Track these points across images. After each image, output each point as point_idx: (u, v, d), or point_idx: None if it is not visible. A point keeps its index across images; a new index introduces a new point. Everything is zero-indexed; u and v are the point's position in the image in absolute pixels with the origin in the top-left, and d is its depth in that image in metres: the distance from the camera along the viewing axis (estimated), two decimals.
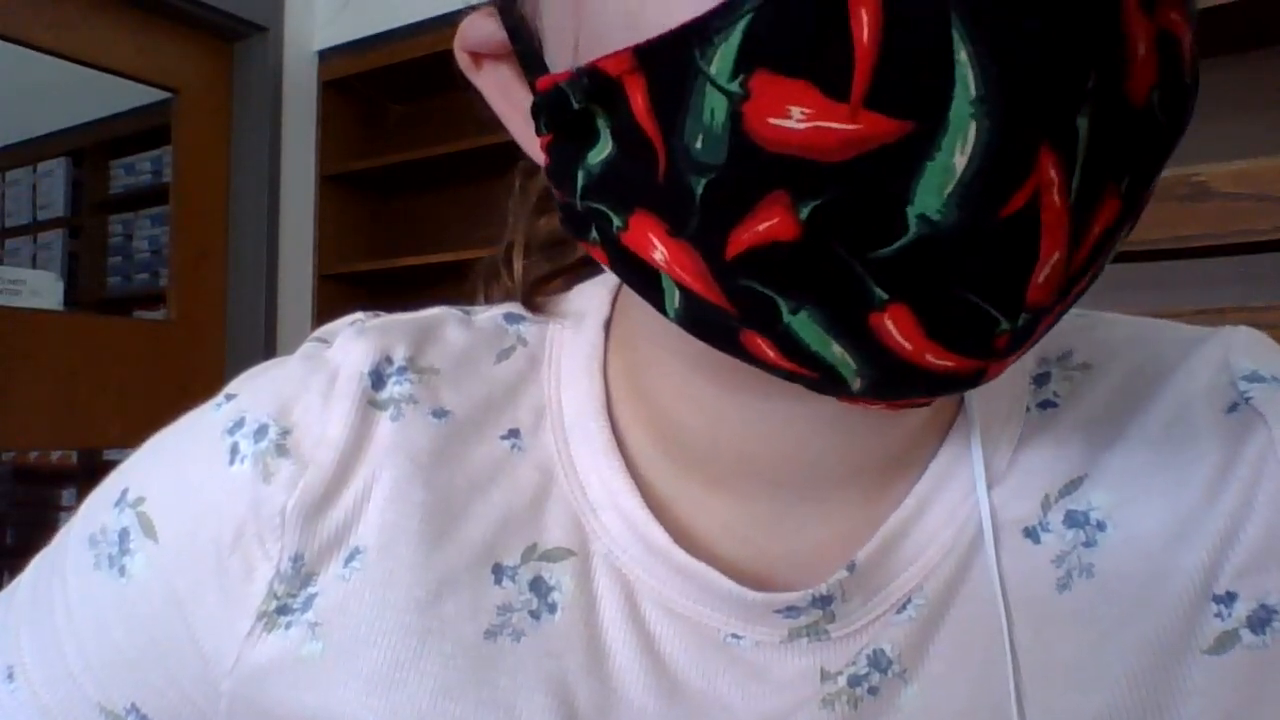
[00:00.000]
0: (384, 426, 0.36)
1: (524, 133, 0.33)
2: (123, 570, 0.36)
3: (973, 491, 0.34)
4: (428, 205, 2.53)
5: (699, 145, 0.24)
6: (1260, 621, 0.32)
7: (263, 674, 0.35)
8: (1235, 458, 0.33)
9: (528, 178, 0.43)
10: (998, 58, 0.21)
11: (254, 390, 0.38)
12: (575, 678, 0.34)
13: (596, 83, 0.26)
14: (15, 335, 1.93)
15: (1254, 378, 0.35)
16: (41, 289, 2.15)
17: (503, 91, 0.34)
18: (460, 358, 0.38)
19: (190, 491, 0.36)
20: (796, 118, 0.22)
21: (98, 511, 0.38)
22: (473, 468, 0.36)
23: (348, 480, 0.35)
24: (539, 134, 0.30)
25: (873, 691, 0.33)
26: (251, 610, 0.35)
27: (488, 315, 0.41)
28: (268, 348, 2.27)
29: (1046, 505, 0.34)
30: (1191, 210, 1.36)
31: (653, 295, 0.28)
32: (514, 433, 0.37)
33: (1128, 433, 0.35)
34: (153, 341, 2.22)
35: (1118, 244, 0.26)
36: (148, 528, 0.36)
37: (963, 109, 0.21)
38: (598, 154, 0.27)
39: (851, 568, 0.33)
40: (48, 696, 0.37)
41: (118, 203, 3.26)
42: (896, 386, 0.26)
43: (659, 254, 0.27)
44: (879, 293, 0.24)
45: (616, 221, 0.28)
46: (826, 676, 0.34)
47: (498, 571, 0.35)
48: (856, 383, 0.26)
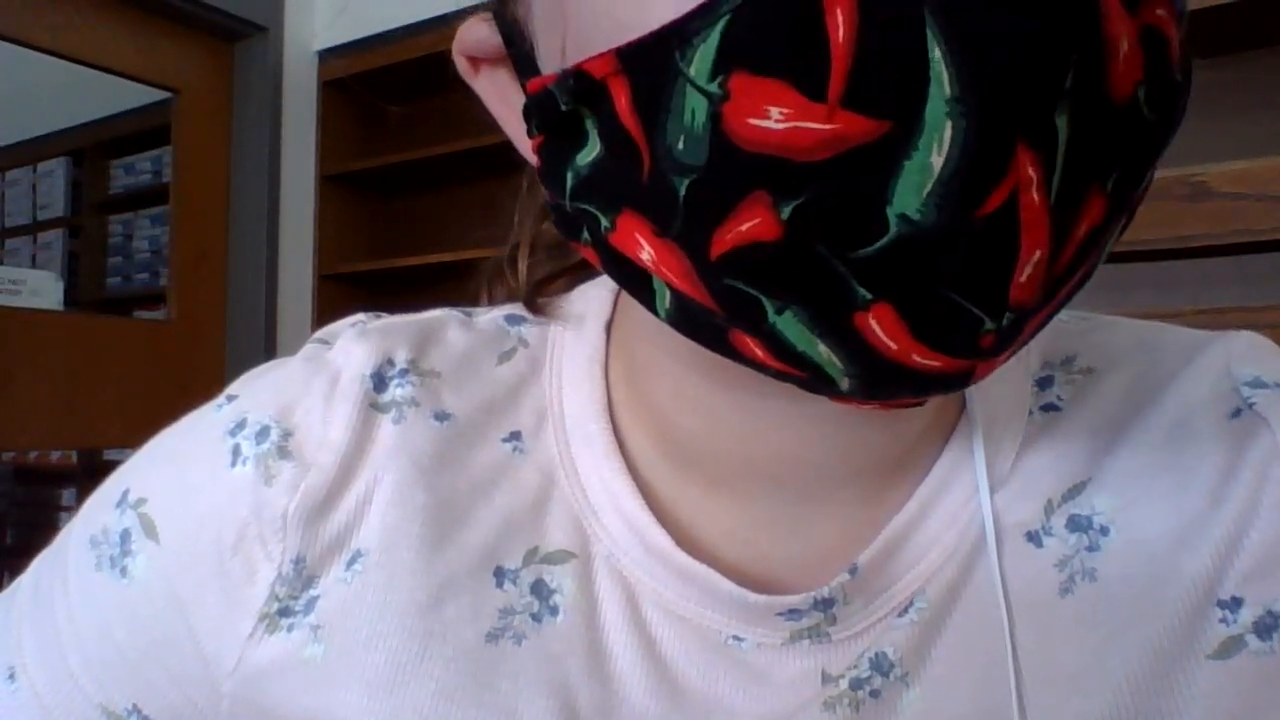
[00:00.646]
0: (386, 429, 0.36)
1: (520, 135, 0.33)
2: (124, 571, 0.36)
3: (975, 495, 0.34)
4: (428, 205, 2.53)
5: (681, 146, 0.24)
6: (1267, 628, 0.32)
7: (264, 675, 0.35)
8: (1239, 462, 0.33)
9: (535, 179, 0.43)
10: (972, 57, 0.21)
11: (256, 392, 0.38)
12: (577, 680, 0.34)
13: (582, 84, 0.26)
14: (15, 335, 1.93)
15: (1256, 383, 0.35)
16: (41, 289, 2.14)
17: (500, 95, 0.34)
18: (462, 360, 0.38)
19: (192, 493, 0.36)
20: (775, 118, 0.22)
21: (99, 512, 0.38)
22: (474, 471, 0.36)
23: (349, 483, 0.35)
24: (530, 136, 0.30)
25: (874, 694, 0.33)
26: (253, 612, 0.35)
27: (489, 317, 0.41)
28: (268, 348, 2.27)
29: (1049, 509, 0.34)
30: (1191, 210, 1.36)
31: (644, 296, 0.28)
32: (515, 435, 0.37)
33: (1131, 437, 0.35)
34: (153, 341, 2.22)
35: (1109, 243, 0.26)
36: (149, 529, 0.36)
37: (938, 108, 0.21)
38: (586, 155, 0.27)
39: (853, 570, 0.33)
40: (49, 697, 0.37)
41: (118, 203, 3.26)
42: (885, 386, 0.26)
43: (646, 254, 0.27)
44: (862, 292, 0.24)
45: (604, 222, 0.28)
46: (828, 679, 0.34)
47: (499, 574, 0.35)
48: (845, 383, 0.26)
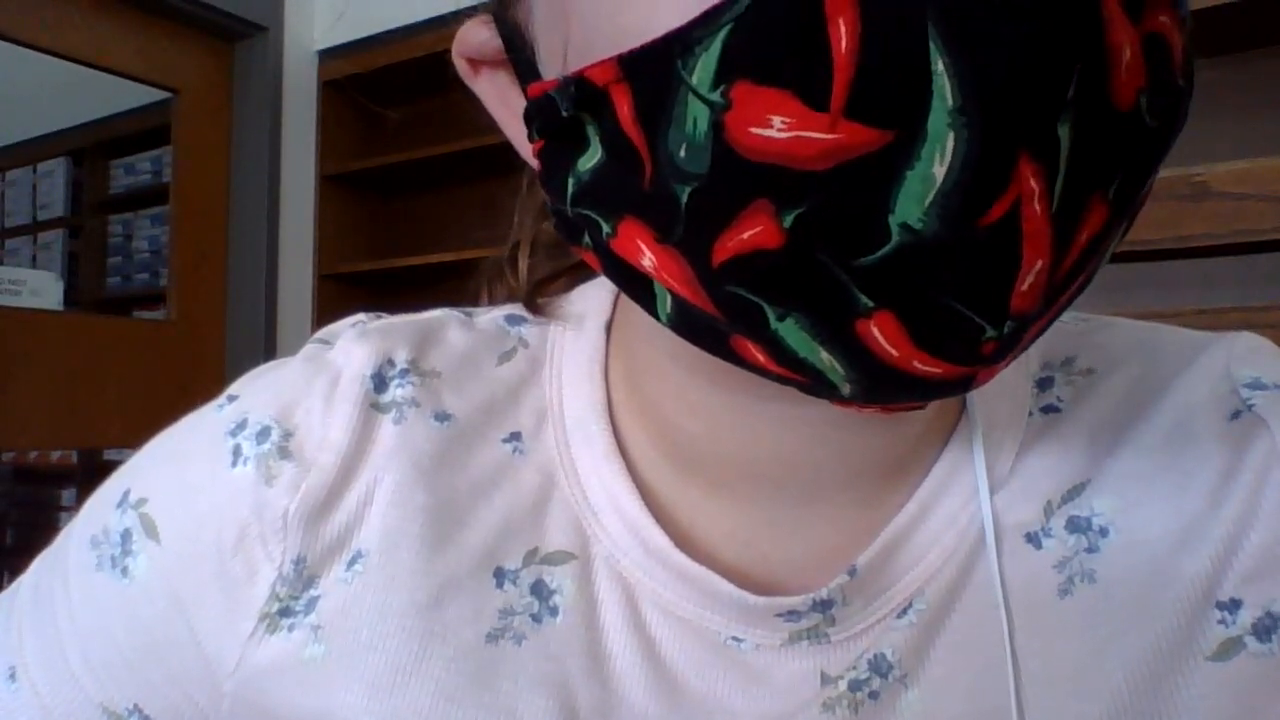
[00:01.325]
0: (386, 429, 0.36)
1: (520, 138, 0.33)
2: (125, 571, 0.36)
3: (975, 496, 0.34)
4: (427, 205, 2.53)
5: (683, 154, 0.24)
6: (1266, 629, 0.32)
7: (265, 676, 0.35)
8: (1239, 464, 0.33)
9: (535, 178, 0.43)
10: (975, 68, 0.21)
11: (256, 392, 0.38)
12: (576, 681, 0.34)
13: (584, 91, 0.26)
14: (15, 335, 1.93)
15: (1256, 385, 0.34)
16: (41, 289, 2.15)
17: (500, 97, 0.34)
18: (462, 360, 0.38)
19: (192, 493, 0.36)
20: (777, 127, 0.22)
21: (100, 512, 0.38)
22: (474, 471, 0.36)
23: (350, 483, 0.35)
24: (531, 140, 0.30)
25: (873, 696, 0.33)
26: (254, 612, 0.35)
27: (489, 317, 0.41)
28: (268, 348, 2.27)
29: (1049, 511, 0.34)
30: (1191, 210, 1.36)
31: (645, 300, 0.29)
32: (515, 436, 0.37)
33: (1130, 439, 0.35)
34: (153, 341, 2.22)
35: (1110, 248, 0.26)
36: (150, 529, 0.36)
37: (940, 119, 0.21)
38: (587, 161, 0.27)
39: (852, 572, 0.33)
40: (50, 696, 0.37)
41: (118, 203, 3.26)
42: (886, 392, 0.26)
43: (647, 260, 0.27)
44: (864, 300, 0.24)
45: (606, 228, 0.28)
46: (827, 680, 0.34)
47: (499, 575, 0.35)
48: (846, 388, 0.27)
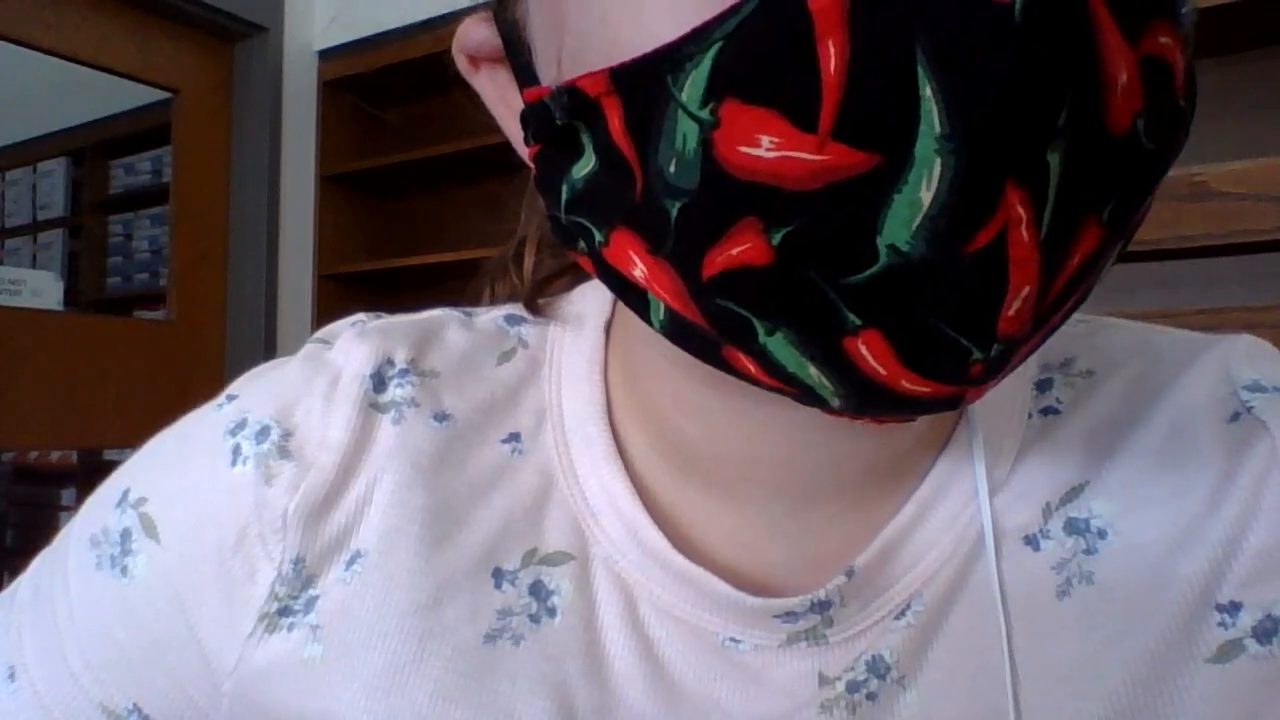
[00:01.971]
0: (385, 429, 0.36)
1: (519, 137, 0.33)
2: (125, 570, 0.36)
3: (973, 498, 0.34)
4: (427, 205, 2.53)
5: (672, 169, 0.24)
6: (1266, 632, 0.32)
7: (264, 675, 0.35)
8: (1238, 467, 0.33)
9: None
10: (962, 95, 0.20)
11: (256, 391, 0.38)
12: (574, 681, 0.34)
13: (576, 101, 0.26)
14: (15, 335, 1.93)
15: (1255, 387, 0.34)
16: (41, 289, 2.15)
17: (499, 95, 0.34)
18: (461, 360, 0.38)
19: (192, 492, 0.36)
20: (766, 146, 0.22)
21: (99, 512, 0.38)
22: (473, 472, 0.36)
23: (349, 483, 0.35)
24: (527, 144, 0.30)
25: (871, 697, 0.33)
26: (253, 612, 0.35)
27: (488, 317, 0.41)
28: (268, 348, 2.27)
29: (1047, 513, 0.34)
30: (1191, 210, 1.36)
31: (639, 307, 0.29)
32: (514, 436, 0.37)
33: (1129, 441, 0.35)
34: (153, 341, 2.22)
35: (1106, 267, 0.26)
36: (150, 528, 0.36)
37: (928, 145, 0.21)
38: (581, 168, 0.27)
39: (850, 573, 0.33)
40: (49, 696, 0.37)
41: (118, 203, 3.26)
42: (875, 407, 0.27)
43: (639, 271, 0.27)
44: (852, 318, 0.24)
45: (598, 236, 0.28)
46: (825, 681, 0.34)
47: (498, 575, 0.35)
48: (836, 401, 0.27)
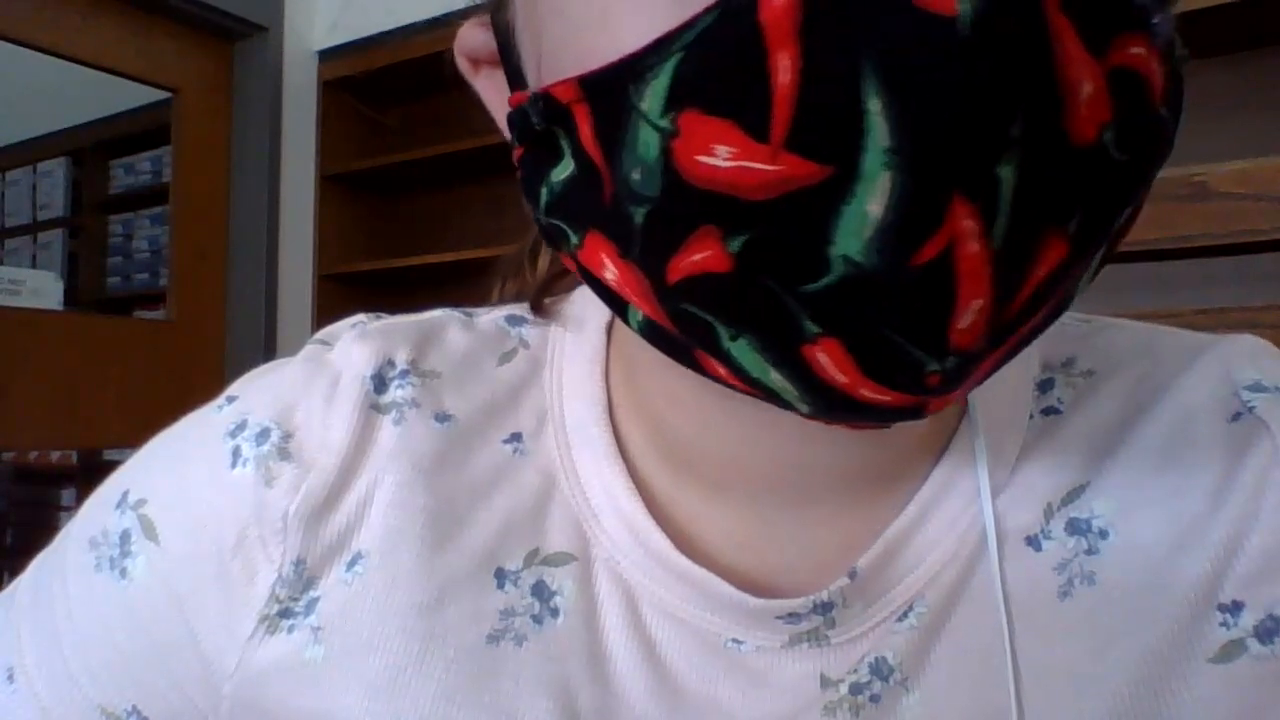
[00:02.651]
0: (386, 430, 0.36)
1: None
2: (124, 572, 0.36)
3: (975, 500, 0.34)
4: (427, 205, 2.53)
5: (636, 176, 0.24)
6: (1268, 632, 0.32)
7: (264, 677, 0.35)
8: (1239, 466, 0.33)
9: None
10: (907, 111, 0.21)
11: (256, 393, 0.38)
12: (577, 682, 0.34)
13: (551, 107, 0.27)
14: (15, 335, 1.93)
15: (1257, 387, 0.34)
16: (41, 289, 2.15)
17: (498, 95, 0.35)
18: (462, 361, 0.38)
19: (192, 494, 0.36)
20: (723, 156, 0.23)
21: (98, 513, 0.38)
22: (475, 472, 0.36)
23: (350, 484, 0.35)
24: (513, 146, 0.31)
25: (874, 699, 0.33)
26: (253, 613, 0.35)
27: (489, 318, 0.41)
28: (268, 348, 2.27)
29: (1049, 513, 0.34)
30: (1191, 210, 1.36)
31: (617, 308, 0.29)
32: (516, 437, 0.37)
33: (1131, 441, 0.35)
34: (153, 341, 2.22)
35: (1083, 278, 0.26)
36: (149, 530, 0.36)
37: (875, 159, 0.21)
38: (560, 172, 0.28)
39: (853, 574, 0.33)
40: (48, 698, 0.37)
41: (118, 203, 3.26)
42: (840, 414, 0.27)
43: (610, 273, 0.28)
44: (810, 326, 0.24)
45: (574, 239, 0.28)
46: (827, 683, 0.34)
47: (500, 576, 0.35)
48: (803, 407, 0.27)
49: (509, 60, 0.32)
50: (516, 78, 0.32)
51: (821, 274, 0.23)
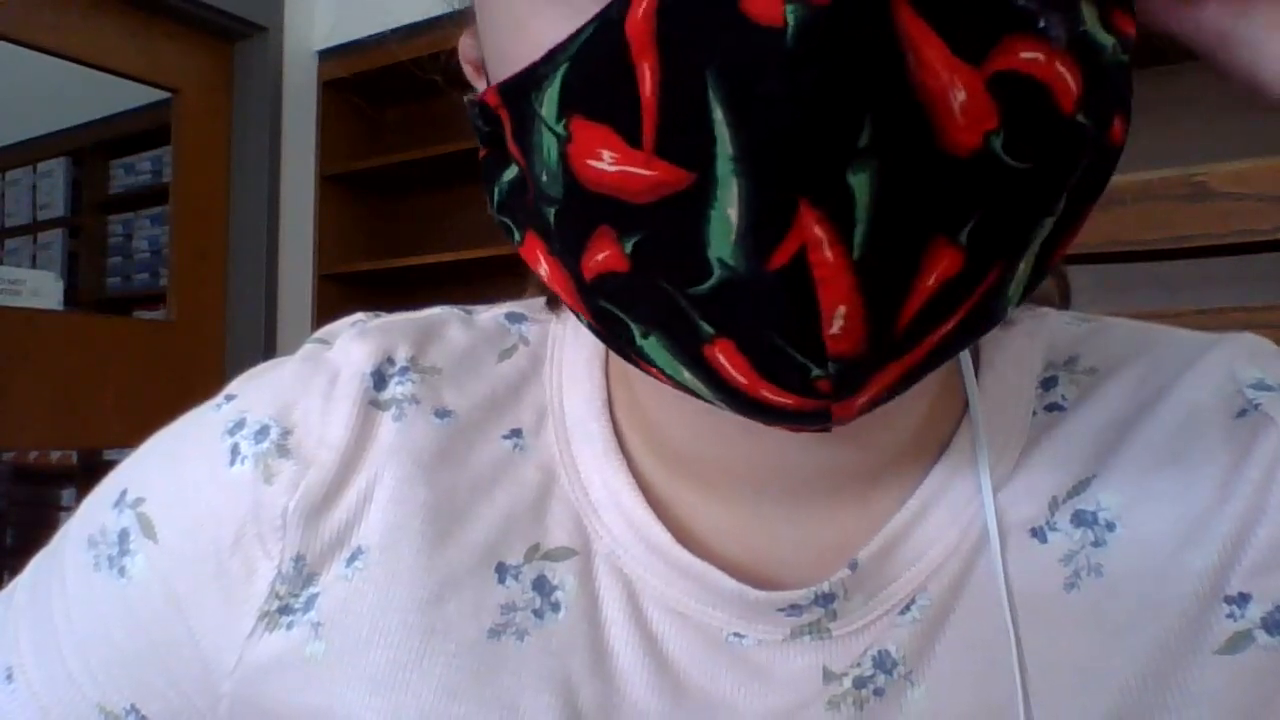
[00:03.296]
0: (386, 427, 0.36)
1: None
2: (122, 571, 0.36)
3: (977, 494, 0.34)
4: (428, 205, 2.53)
5: (545, 179, 0.26)
6: (1275, 623, 0.32)
7: (264, 674, 0.35)
8: (1245, 460, 0.33)
9: None
10: (746, 120, 0.21)
11: (254, 391, 0.38)
12: (578, 677, 0.34)
13: (485, 113, 0.28)
14: (15, 335, 1.93)
15: (1261, 386, 0.35)
16: (41, 289, 2.15)
17: None
18: (462, 357, 0.39)
19: (190, 492, 0.36)
20: (607, 160, 0.24)
21: (97, 512, 0.38)
22: (475, 467, 0.36)
23: (350, 480, 0.35)
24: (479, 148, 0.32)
25: (878, 693, 0.33)
26: (253, 610, 0.35)
27: (489, 315, 0.41)
28: (268, 348, 2.27)
29: (1054, 506, 0.34)
30: (1191, 210, 1.36)
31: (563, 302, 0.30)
32: (516, 432, 0.37)
33: (1136, 436, 0.35)
34: (153, 341, 2.23)
35: (1008, 290, 0.25)
36: (147, 528, 0.36)
37: (725, 166, 0.22)
38: (508, 173, 0.29)
39: (854, 565, 0.33)
40: (47, 697, 0.37)
41: (118, 203, 3.27)
42: (756, 415, 0.27)
43: (543, 270, 0.29)
44: (705, 327, 0.25)
45: (516, 235, 0.30)
46: (830, 676, 0.34)
47: (501, 571, 0.35)
48: (722, 407, 0.27)
49: (485, 67, 0.33)
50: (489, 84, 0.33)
51: (706, 276, 0.24)
